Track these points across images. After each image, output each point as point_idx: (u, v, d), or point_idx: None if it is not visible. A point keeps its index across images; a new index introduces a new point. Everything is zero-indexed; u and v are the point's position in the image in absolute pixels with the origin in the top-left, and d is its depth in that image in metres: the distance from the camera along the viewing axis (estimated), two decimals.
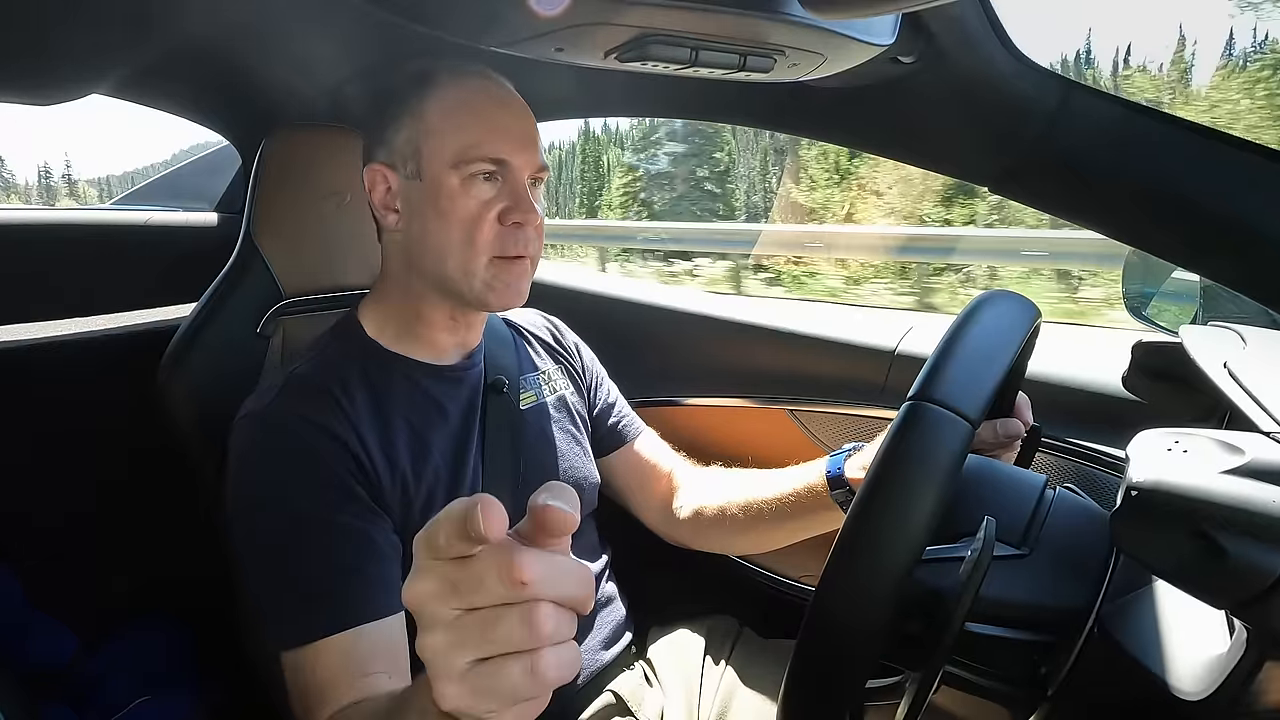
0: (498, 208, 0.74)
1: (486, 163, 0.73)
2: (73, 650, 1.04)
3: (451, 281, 0.76)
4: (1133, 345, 0.61)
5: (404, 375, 0.79)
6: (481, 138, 0.73)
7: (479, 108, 0.75)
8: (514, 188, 0.75)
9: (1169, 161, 0.67)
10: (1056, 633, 0.49)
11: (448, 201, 0.74)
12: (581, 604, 0.35)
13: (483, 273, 0.75)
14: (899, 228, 10.47)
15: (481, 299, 0.77)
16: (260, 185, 0.93)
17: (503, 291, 0.76)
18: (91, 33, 0.82)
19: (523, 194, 0.75)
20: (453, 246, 0.74)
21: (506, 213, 0.74)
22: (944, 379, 0.46)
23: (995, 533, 0.45)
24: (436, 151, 0.74)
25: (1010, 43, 0.68)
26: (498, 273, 0.75)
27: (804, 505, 0.82)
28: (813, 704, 0.47)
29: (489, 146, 0.73)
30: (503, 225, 0.74)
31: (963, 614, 0.44)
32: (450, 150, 0.73)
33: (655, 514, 0.97)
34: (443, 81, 0.75)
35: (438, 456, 0.77)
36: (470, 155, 0.73)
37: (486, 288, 0.76)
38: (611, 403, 0.99)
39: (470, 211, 0.74)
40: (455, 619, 0.33)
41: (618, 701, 0.83)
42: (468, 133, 0.73)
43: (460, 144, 0.73)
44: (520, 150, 0.75)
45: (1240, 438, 0.39)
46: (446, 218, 0.74)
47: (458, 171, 0.73)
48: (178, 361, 0.89)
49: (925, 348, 0.98)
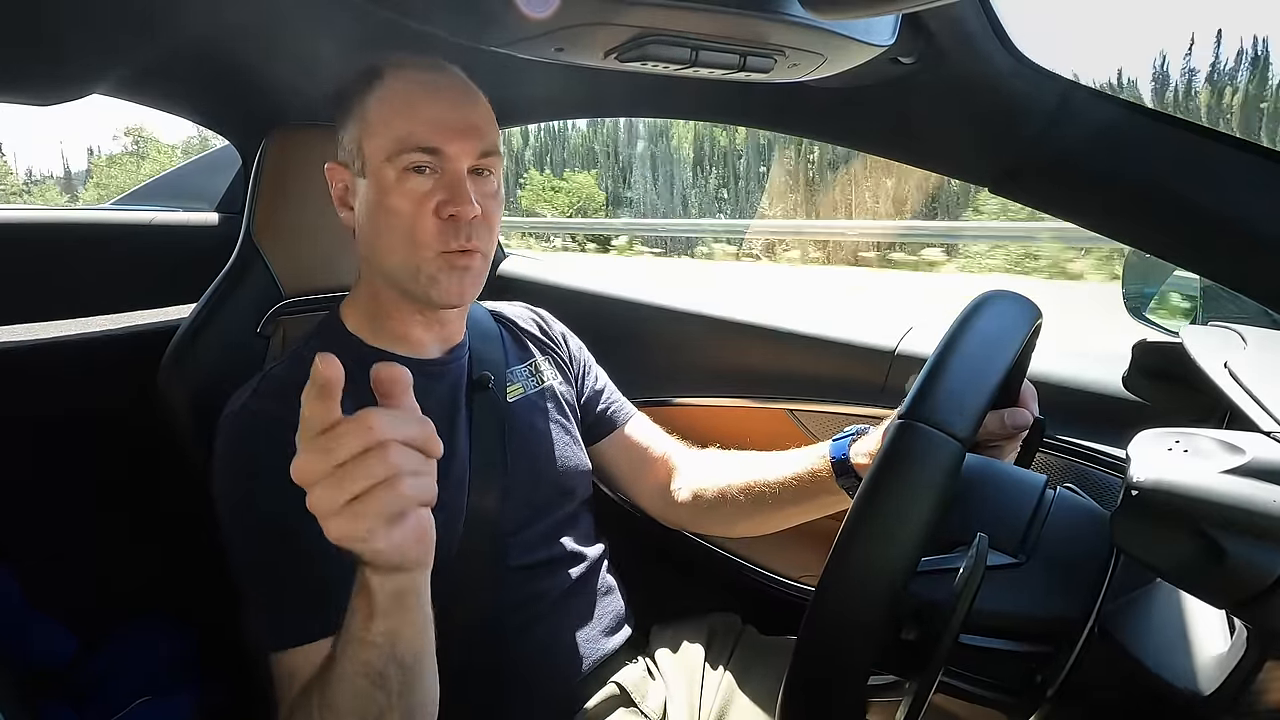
0: (434, 200, 0.73)
1: (419, 153, 0.73)
2: (73, 650, 1.04)
3: (400, 278, 0.76)
4: (1133, 345, 0.61)
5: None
6: (413, 128, 0.73)
7: (412, 99, 0.74)
8: (450, 179, 0.74)
9: (1168, 162, 0.67)
10: (1053, 643, 0.49)
11: (386, 196, 0.74)
12: (425, 443, 0.49)
13: (428, 268, 0.75)
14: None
15: (426, 295, 0.76)
16: (260, 185, 0.93)
17: (446, 287, 0.76)
18: (92, 32, 0.83)
19: (459, 185, 0.74)
20: (396, 243, 0.74)
21: (443, 205, 0.73)
22: (934, 397, 0.46)
23: (993, 539, 0.45)
24: (375, 147, 0.74)
25: (1010, 43, 0.68)
26: (441, 268, 0.75)
27: (806, 489, 0.81)
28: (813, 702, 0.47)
29: (420, 136, 0.73)
30: (440, 219, 0.74)
31: (956, 628, 0.44)
32: (385, 144, 0.73)
33: (652, 498, 0.97)
34: (385, 77, 0.75)
35: None
36: (402, 147, 0.73)
37: (430, 282, 0.75)
38: (600, 389, 0.99)
39: (407, 206, 0.73)
40: (331, 473, 0.45)
41: (622, 693, 0.83)
42: (399, 124, 0.73)
43: (393, 136, 0.73)
44: (455, 139, 0.73)
45: (1240, 438, 0.39)
46: (388, 214, 0.74)
47: (392, 165, 0.73)
48: (178, 361, 0.89)
49: (925, 348, 0.98)
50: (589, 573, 0.88)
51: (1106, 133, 0.69)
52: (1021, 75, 0.69)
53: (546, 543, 0.85)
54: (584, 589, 0.87)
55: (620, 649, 0.87)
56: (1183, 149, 0.67)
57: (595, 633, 0.85)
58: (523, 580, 0.82)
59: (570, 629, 0.84)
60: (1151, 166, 0.67)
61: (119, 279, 1.17)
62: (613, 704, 0.83)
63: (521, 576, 0.82)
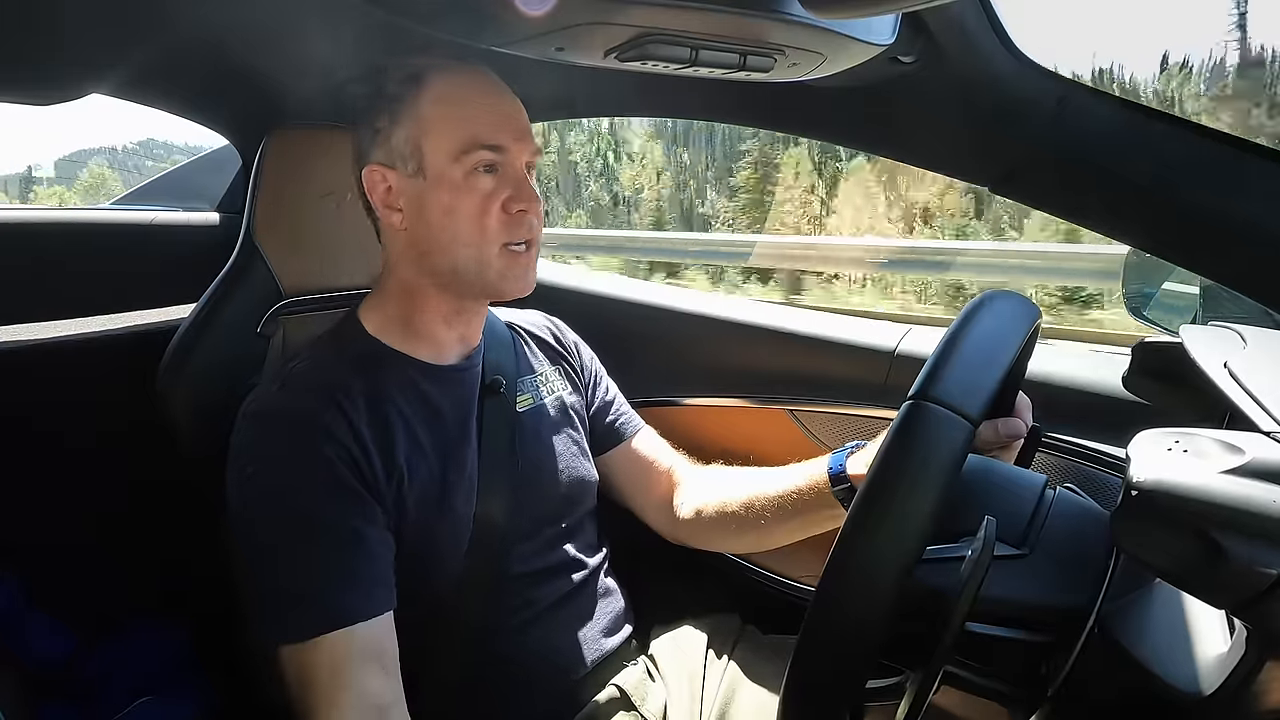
0: (502, 197, 0.76)
1: (487, 151, 0.75)
2: (73, 650, 1.04)
3: (465, 273, 0.78)
4: (1133, 345, 0.61)
5: (403, 374, 0.80)
6: (479, 129, 0.75)
7: (474, 100, 0.77)
8: (514, 176, 0.77)
9: (1169, 161, 0.67)
10: (1057, 632, 0.49)
11: (452, 195, 0.75)
12: None
13: (495, 262, 0.77)
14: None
15: (496, 288, 0.79)
16: (260, 185, 0.93)
17: (515, 279, 0.79)
18: (91, 32, 0.83)
19: (524, 181, 0.77)
20: (463, 239, 0.76)
21: (511, 201, 0.76)
22: (945, 378, 0.46)
23: (996, 532, 0.45)
24: (437, 147, 0.75)
25: (1010, 43, 0.68)
26: (509, 261, 0.78)
27: (806, 503, 0.82)
28: (814, 703, 0.47)
29: (488, 136, 0.75)
30: (508, 214, 0.76)
31: (964, 613, 0.43)
32: (450, 144, 0.75)
33: (656, 512, 0.97)
34: (435, 79, 0.77)
35: (433, 456, 0.78)
36: (471, 146, 0.75)
37: (500, 277, 0.78)
38: (610, 400, 1.00)
39: (476, 203, 0.75)
40: None
41: (621, 695, 0.83)
42: (466, 125, 0.75)
43: (460, 137, 0.75)
44: (517, 138, 0.77)
45: (1240, 438, 0.39)
46: (454, 212, 0.76)
47: (460, 164, 0.75)
48: (178, 361, 0.89)
49: (925, 348, 0.98)
50: (589, 578, 0.88)
51: (1107, 132, 0.69)
52: (1022, 75, 0.69)
53: (550, 550, 0.85)
54: (584, 592, 0.87)
55: (620, 650, 0.88)
56: (1183, 149, 0.67)
57: (594, 633, 0.86)
58: (524, 586, 0.82)
59: (569, 630, 0.84)
60: (1152, 166, 0.67)
61: (119, 279, 1.17)
62: (613, 706, 0.83)
63: (523, 582, 0.82)
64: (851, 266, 6.38)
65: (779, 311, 1.15)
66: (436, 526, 0.76)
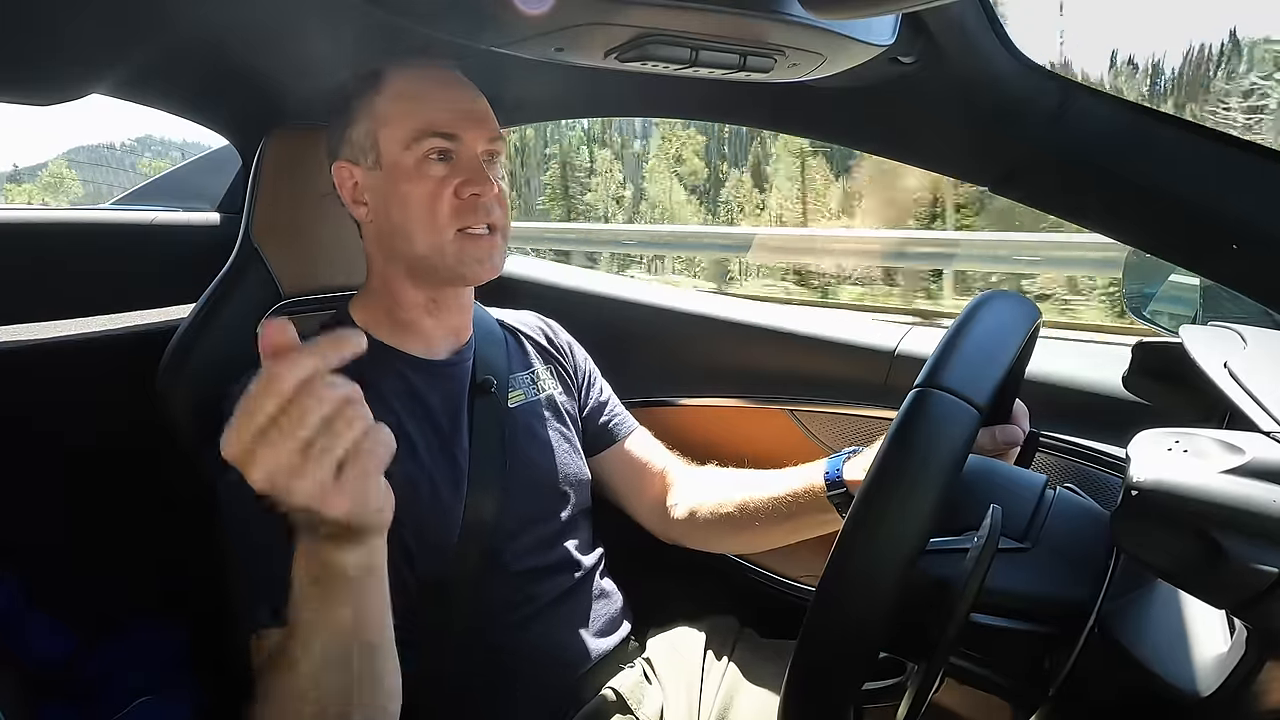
0: (454, 182, 0.78)
1: (437, 138, 0.77)
2: (73, 650, 1.04)
3: (423, 260, 0.79)
4: (1133, 345, 0.61)
5: (392, 368, 0.80)
6: (430, 117, 0.77)
7: (424, 91, 0.79)
8: (467, 161, 0.78)
9: (1169, 161, 0.67)
10: (1059, 625, 0.49)
11: (406, 184, 0.77)
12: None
13: (450, 247, 0.78)
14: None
15: (456, 272, 0.80)
16: (260, 185, 0.93)
17: (475, 263, 0.80)
18: (91, 32, 0.83)
19: (476, 166, 0.78)
20: (418, 226, 0.78)
21: (463, 185, 0.78)
22: (951, 366, 0.46)
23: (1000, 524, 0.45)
24: (390, 138, 0.78)
25: (1010, 43, 0.68)
26: (464, 245, 0.79)
27: (801, 507, 0.82)
28: (814, 703, 0.47)
29: (438, 124, 0.77)
30: (460, 199, 0.78)
31: (968, 604, 0.43)
32: (402, 133, 0.77)
33: (649, 513, 0.97)
34: (393, 75, 0.80)
35: (422, 451, 0.78)
36: (421, 134, 0.77)
37: (458, 261, 0.79)
38: (603, 401, 1.00)
39: (428, 189, 0.77)
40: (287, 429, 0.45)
41: (618, 699, 0.83)
42: (416, 114, 0.78)
43: (410, 126, 0.77)
44: (470, 125, 0.79)
45: (1240, 438, 0.39)
46: (407, 200, 0.78)
47: (411, 153, 0.77)
48: (178, 361, 0.89)
49: (925, 348, 0.98)
50: (585, 578, 0.88)
51: (1107, 133, 0.69)
52: (1022, 75, 0.69)
53: (543, 549, 0.85)
54: (579, 593, 0.87)
55: (616, 652, 0.87)
56: (1183, 149, 0.67)
57: (591, 635, 0.85)
58: (518, 585, 0.82)
59: (565, 633, 0.84)
60: (1151, 166, 0.67)
61: (119, 279, 1.17)
62: (609, 710, 0.82)
63: (517, 581, 0.82)
64: None
65: (778, 311, 1.15)
66: (424, 520, 0.76)
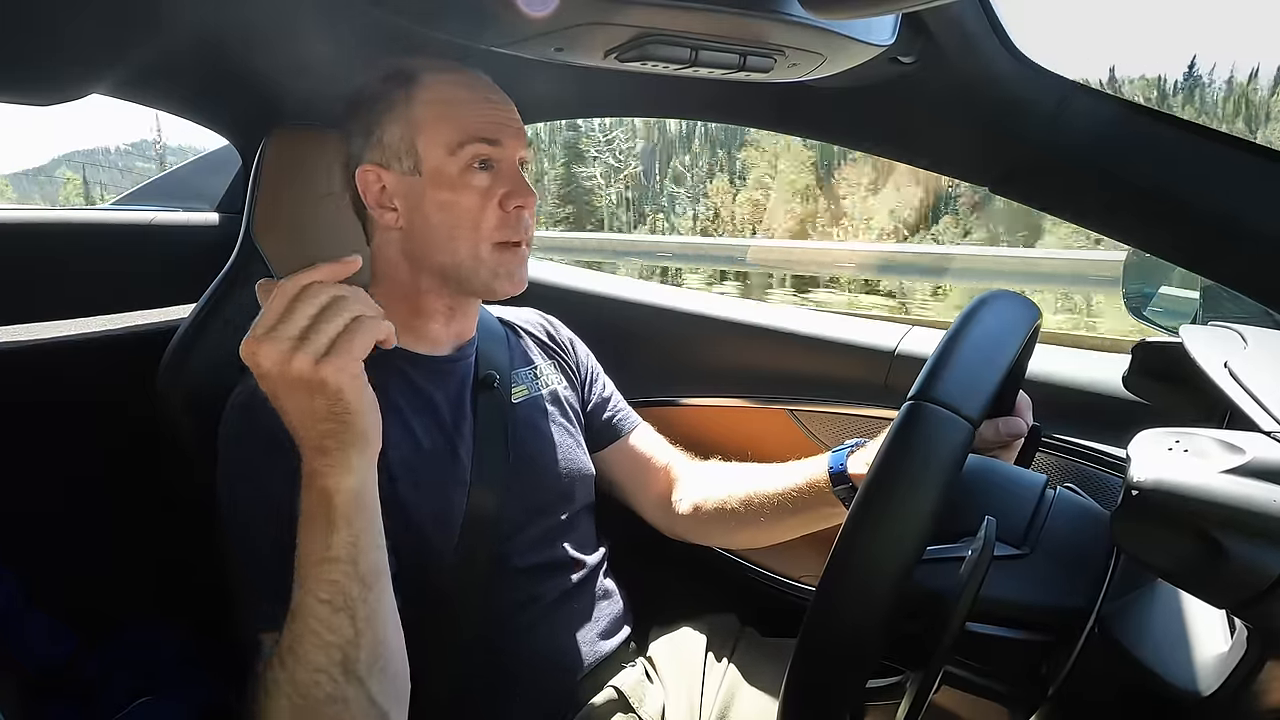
0: (498, 193, 0.77)
1: (484, 145, 0.76)
2: (73, 650, 1.04)
3: (459, 270, 0.78)
4: (1134, 345, 0.61)
5: (394, 366, 0.80)
6: (475, 124, 0.76)
7: (467, 98, 0.78)
8: (510, 172, 0.78)
9: (1169, 161, 0.67)
10: (1057, 633, 0.49)
11: (449, 192, 0.76)
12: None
13: (489, 259, 0.78)
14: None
15: (488, 286, 0.79)
16: (260, 185, 0.93)
17: (508, 277, 0.80)
18: (91, 32, 0.83)
19: (519, 177, 0.78)
20: (459, 235, 0.77)
21: (508, 197, 0.77)
22: (944, 379, 0.46)
23: (996, 533, 0.45)
24: (432, 143, 0.76)
25: (1010, 43, 0.68)
26: (502, 258, 0.79)
27: (806, 501, 0.82)
28: (814, 703, 0.47)
29: (483, 131, 0.76)
30: (504, 210, 0.77)
31: (963, 613, 0.43)
32: (446, 139, 0.76)
33: (654, 508, 0.97)
34: (427, 78, 0.78)
35: (427, 447, 0.78)
36: (467, 140, 0.76)
37: (493, 275, 0.79)
38: (606, 397, 1.00)
39: (474, 200, 0.76)
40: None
41: (619, 697, 0.83)
42: (461, 121, 0.76)
43: (455, 133, 0.76)
44: (510, 135, 0.78)
45: (1240, 438, 0.39)
46: (450, 208, 0.76)
47: (456, 159, 0.76)
48: (178, 361, 0.89)
49: (925, 348, 0.98)
50: (588, 577, 0.88)
51: (1107, 133, 0.69)
52: (1022, 75, 0.69)
53: (546, 546, 0.85)
54: (582, 592, 0.86)
55: (618, 652, 0.87)
56: (1183, 149, 0.67)
57: (593, 636, 0.85)
58: (520, 583, 0.82)
59: (567, 632, 0.84)
60: (1151, 166, 0.67)
61: (119, 279, 1.17)
62: (610, 708, 0.82)
63: (519, 579, 0.82)
64: None
65: (779, 311, 1.15)
66: (426, 515, 0.76)
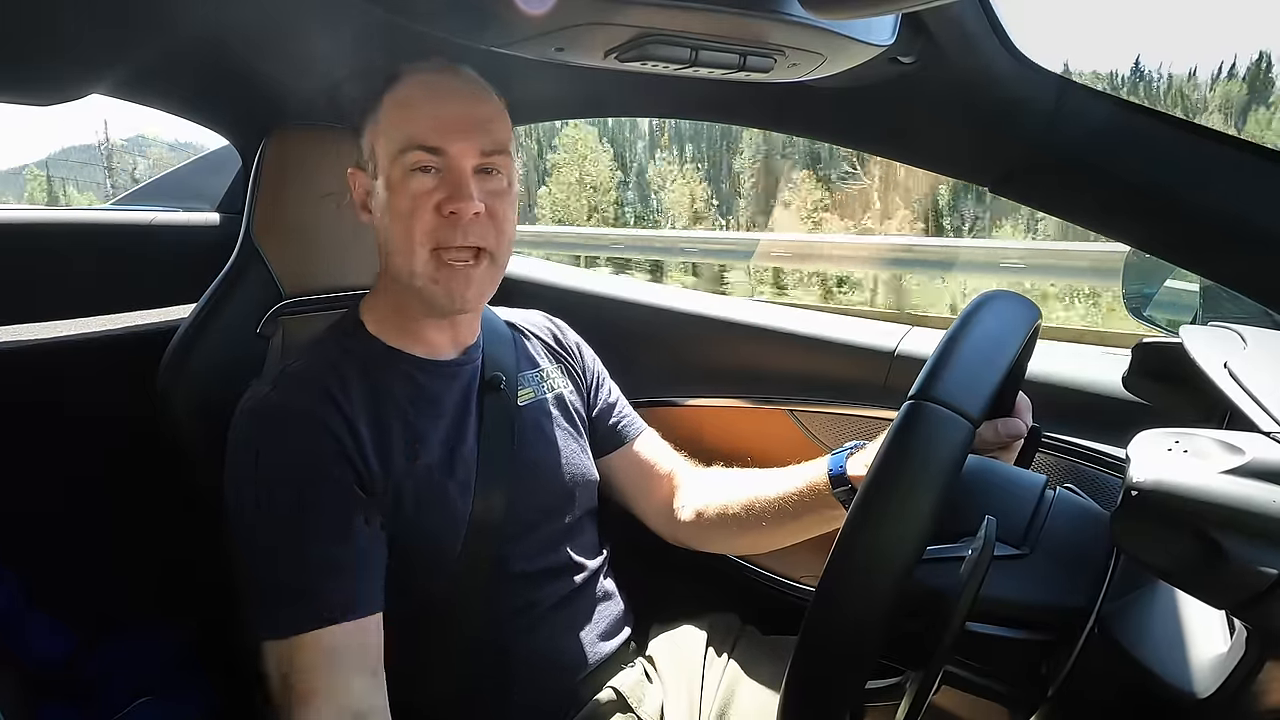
0: (436, 198, 0.74)
1: (421, 152, 0.74)
2: (73, 650, 1.04)
3: (407, 279, 0.76)
4: (1134, 346, 0.61)
5: (401, 370, 0.80)
6: (416, 129, 0.74)
7: (417, 101, 0.76)
8: (453, 177, 0.74)
9: (1168, 161, 0.67)
10: (1057, 632, 0.49)
11: (392, 196, 0.75)
12: None
13: (423, 268, 0.75)
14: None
15: (429, 300, 0.76)
16: (260, 185, 0.93)
17: (445, 294, 0.75)
18: (91, 32, 0.83)
19: (461, 183, 0.74)
20: (397, 239, 0.75)
21: (444, 202, 0.74)
22: (945, 378, 0.46)
23: (996, 533, 0.45)
24: (383, 148, 0.76)
25: (1010, 43, 0.68)
26: (439, 268, 0.75)
27: (806, 504, 0.82)
28: (814, 703, 0.47)
29: (422, 136, 0.74)
30: (440, 215, 0.74)
31: (964, 613, 0.43)
32: (391, 144, 0.75)
33: (657, 515, 0.97)
34: (402, 79, 0.77)
35: (432, 449, 0.78)
36: (407, 146, 0.74)
37: (427, 284, 0.75)
38: (612, 403, 1.00)
39: (408, 204, 0.74)
40: None
41: (618, 698, 0.83)
42: (405, 126, 0.75)
43: (399, 137, 0.74)
44: (458, 138, 0.74)
45: (1240, 438, 0.39)
46: (392, 212, 0.75)
47: (398, 165, 0.74)
48: (178, 361, 0.89)
49: (925, 348, 0.98)
50: (589, 580, 0.88)
51: (1106, 132, 0.69)
52: (1021, 75, 0.69)
53: (549, 550, 0.85)
54: (584, 595, 0.87)
55: (618, 652, 0.87)
56: (1182, 148, 0.66)
57: (593, 637, 0.85)
58: (523, 587, 0.82)
59: (568, 634, 0.84)
60: (1151, 166, 0.67)
61: (119, 279, 1.17)
62: (610, 709, 0.83)
63: (522, 583, 0.82)
64: None
65: (779, 312, 1.15)
66: (432, 519, 0.76)
